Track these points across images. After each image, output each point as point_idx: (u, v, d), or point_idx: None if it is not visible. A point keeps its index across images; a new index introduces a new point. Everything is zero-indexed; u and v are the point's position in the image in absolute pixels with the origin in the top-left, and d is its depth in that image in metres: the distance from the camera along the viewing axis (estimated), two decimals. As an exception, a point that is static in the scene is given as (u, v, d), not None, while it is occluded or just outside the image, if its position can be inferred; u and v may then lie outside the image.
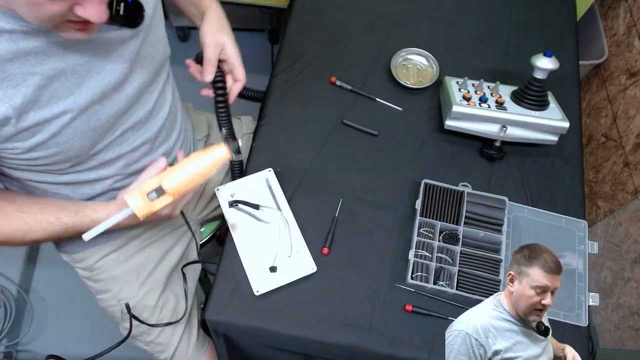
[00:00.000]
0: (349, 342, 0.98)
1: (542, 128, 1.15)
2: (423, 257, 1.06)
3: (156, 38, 0.91)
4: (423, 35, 1.37)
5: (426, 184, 1.11)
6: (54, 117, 0.78)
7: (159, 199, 0.80)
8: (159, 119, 0.98)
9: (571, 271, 1.09)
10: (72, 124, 0.80)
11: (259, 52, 2.32)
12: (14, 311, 1.78)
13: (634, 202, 1.61)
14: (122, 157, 0.94)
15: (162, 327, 1.16)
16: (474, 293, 1.02)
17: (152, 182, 0.80)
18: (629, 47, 1.72)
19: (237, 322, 0.99)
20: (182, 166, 0.80)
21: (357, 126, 1.21)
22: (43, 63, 0.74)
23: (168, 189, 0.79)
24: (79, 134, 0.82)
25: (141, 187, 0.80)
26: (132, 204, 0.79)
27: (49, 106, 0.77)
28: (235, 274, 1.02)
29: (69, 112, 0.79)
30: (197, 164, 0.80)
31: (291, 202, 1.09)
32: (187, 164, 0.80)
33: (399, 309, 1.02)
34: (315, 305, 1.01)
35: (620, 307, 1.63)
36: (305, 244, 1.04)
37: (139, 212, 0.80)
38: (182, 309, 1.19)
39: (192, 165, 0.80)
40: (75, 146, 0.84)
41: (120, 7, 0.78)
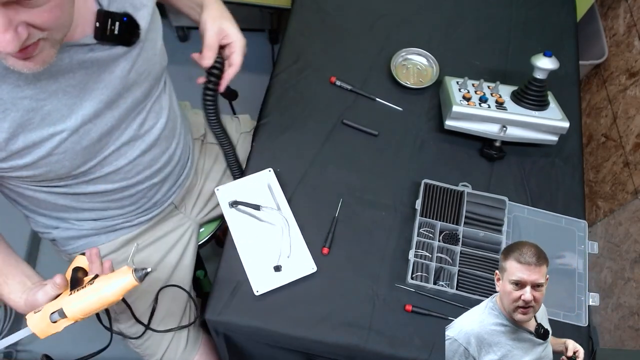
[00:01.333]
0: (349, 342, 0.98)
1: (542, 128, 1.15)
2: (423, 257, 1.06)
3: (153, 52, 0.89)
4: (423, 35, 1.37)
5: (426, 184, 1.11)
6: (44, 140, 0.76)
7: (61, 321, 0.77)
8: (156, 130, 0.96)
9: (571, 271, 1.09)
10: (63, 145, 0.79)
11: (259, 52, 2.32)
12: (14, 311, 1.78)
13: (634, 202, 1.61)
14: (120, 171, 0.93)
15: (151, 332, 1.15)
16: (474, 293, 1.02)
17: (57, 303, 0.78)
18: (629, 47, 1.72)
19: (237, 322, 0.99)
20: (86, 292, 0.78)
21: (357, 126, 1.21)
22: (34, 86, 0.72)
23: (69, 314, 0.77)
24: (70, 154, 0.81)
25: (44, 309, 0.78)
26: (31, 325, 0.78)
27: (39, 129, 0.75)
28: (235, 274, 1.02)
29: (60, 134, 0.77)
30: (102, 291, 0.77)
31: (291, 202, 1.09)
32: (91, 290, 0.78)
33: (399, 309, 1.02)
34: (315, 305, 1.01)
35: (620, 307, 1.63)
36: (305, 244, 1.04)
37: (40, 333, 0.78)
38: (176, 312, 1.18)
39: (96, 293, 0.77)
40: (65, 165, 0.82)
41: (115, 26, 0.77)
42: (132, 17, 0.80)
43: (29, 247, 1.88)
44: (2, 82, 0.69)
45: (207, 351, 1.27)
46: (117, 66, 0.82)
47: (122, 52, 0.81)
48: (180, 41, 2.41)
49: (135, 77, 0.86)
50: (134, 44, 0.81)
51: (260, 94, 1.30)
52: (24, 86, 0.71)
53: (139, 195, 1.03)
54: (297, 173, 1.14)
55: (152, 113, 0.95)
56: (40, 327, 0.78)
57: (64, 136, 0.78)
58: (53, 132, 0.76)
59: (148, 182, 1.02)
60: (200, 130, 1.29)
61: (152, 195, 1.07)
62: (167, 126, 0.99)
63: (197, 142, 1.26)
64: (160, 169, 1.03)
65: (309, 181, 1.13)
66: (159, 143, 0.98)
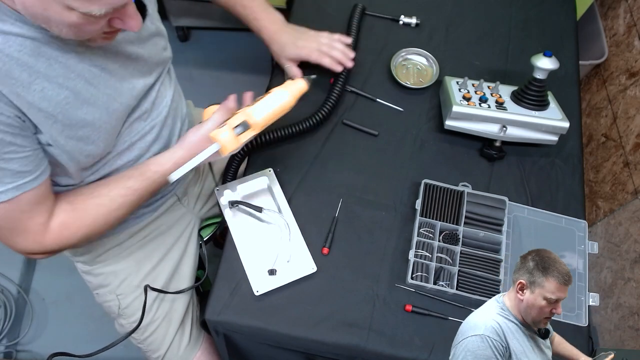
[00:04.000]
0: (349, 342, 0.98)
1: (542, 128, 1.15)
2: (423, 257, 1.06)
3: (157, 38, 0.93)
4: (423, 35, 1.37)
5: (426, 184, 1.11)
6: (93, 118, 0.80)
7: (244, 133, 0.84)
8: (164, 107, 0.98)
9: (571, 271, 1.09)
10: (105, 124, 0.83)
11: (259, 52, 2.31)
12: (14, 311, 1.78)
13: (634, 202, 1.61)
14: (133, 147, 0.94)
15: (155, 328, 1.16)
16: (474, 293, 1.02)
17: (238, 117, 0.84)
18: (629, 47, 1.72)
19: (237, 322, 0.99)
20: (265, 101, 0.85)
21: (357, 126, 1.21)
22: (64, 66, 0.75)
23: (254, 123, 0.83)
24: (104, 133, 0.84)
25: (229, 123, 0.84)
26: (223, 139, 0.83)
27: (90, 106, 0.79)
28: (235, 274, 1.02)
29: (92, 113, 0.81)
30: (280, 97, 0.85)
31: (291, 202, 1.09)
32: (269, 98, 0.85)
33: (399, 309, 1.02)
34: (315, 306, 1.01)
35: (620, 307, 1.63)
36: (305, 244, 1.04)
37: (229, 145, 0.84)
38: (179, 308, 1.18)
39: (275, 100, 0.85)
40: (100, 146, 0.85)
41: None
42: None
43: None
44: (36, 62, 0.71)
45: (208, 349, 1.27)
46: (129, 46, 0.85)
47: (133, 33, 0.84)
48: (180, 41, 2.42)
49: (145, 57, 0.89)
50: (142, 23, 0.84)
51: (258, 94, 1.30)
52: (55, 65, 0.74)
53: None
54: (297, 173, 1.14)
55: (161, 92, 0.97)
56: (226, 140, 0.83)
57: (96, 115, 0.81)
58: (87, 111, 0.79)
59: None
60: None
61: None
62: (172, 105, 1.01)
63: None
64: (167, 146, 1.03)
65: (309, 181, 1.13)
66: (166, 121, 1.00)
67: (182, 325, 1.22)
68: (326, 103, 1.19)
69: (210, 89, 2.13)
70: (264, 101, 0.85)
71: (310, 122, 1.16)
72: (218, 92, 1.28)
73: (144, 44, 0.89)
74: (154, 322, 1.16)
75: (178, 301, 1.19)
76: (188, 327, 1.23)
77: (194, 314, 1.25)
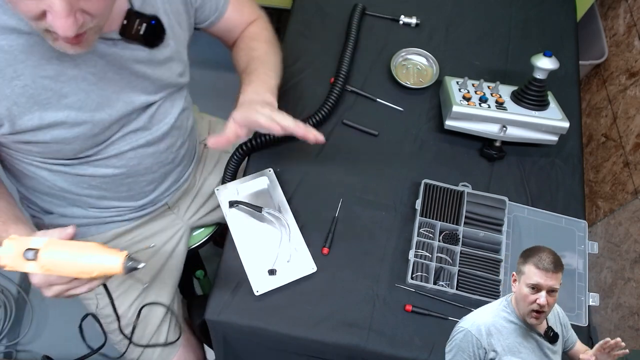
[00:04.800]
0: (349, 342, 0.98)
1: (542, 128, 1.15)
2: (423, 257, 1.06)
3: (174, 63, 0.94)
4: (423, 35, 1.37)
5: (426, 184, 1.11)
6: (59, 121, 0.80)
7: (30, 262, 0.68)
8: (164, 125, 0.99)
9: (571, 271, 1.09)
10: (76, 128, 0.82)
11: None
12: (14, 311, 1.78)
13: (634, 202, 1.61)
14: (122, 156, 0.94)
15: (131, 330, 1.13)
16: (474, 293, 1.02)
17: (37, 241, 0.69)
18: (629, 47, 1.72)
19: (238, 322, 0.99)
20: (70, 246, 0.69)
21: (357, 126, 1.21)
22: (56, 68, 0.75)
23: (40, 259, 0.68)
24: (81, 139, 0.85)
25: (25, 240, 0.69)
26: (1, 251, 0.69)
27: (55, 110, 0.79)
28: (235, 274, 1.02)
29: (74, 118, 0.81)
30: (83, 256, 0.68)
31: (291, 202, 1.09)
32: (76, 247, 0.69)
33: (399, 309, 1.02)
34: (316, 306, 1.01)
35: (620, 307, 1.63)
36: (305, 244, 1.04)
37: (2, 260, 0.69)
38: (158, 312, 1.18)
39: (77, 253, 0.68)
40: (75, 148, 0.86)
41: (142, 27, 0.80)
42: (160, 22, 0.83)
43: (28, 247, 1.88)
44: (26, 59, 0.73)
45: (186, 351, 1.25)
46: (137, 64, 0.85)
47: (145, 55, 0.85)
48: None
49: (153, 78, 0.90)
50: (157, 46, 0.85)
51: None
52: (46, 65, 0.75)
53: (137, 188, 1.04)
54: (297, 173, 1.14)
55: (163, 108, 0.98)
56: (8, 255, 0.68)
57: (78, 120, 0.82)
58: (68, 115, 0.80)
59: (149, 175, 1.03)
60: (203, 134, 1.29)
61: (150, 191, 1.08)
62: (176, 124, 1.02)
63: (199, 146, 1.26)
64: (163, 163, 1.04)
65: (309, 181, 1.13)
66: (166, 138, 1.01)
67: (159, 328, 1.18)
68: (326, 103, 1.19)
69: (210, 89, 2.12)
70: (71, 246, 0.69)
71: (310, 121, 1.16)
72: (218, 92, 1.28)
73: (157, 66, 0.89)
74: (129, 325, 1.13)
75: (158, 305, 1.17)
76: (165, 328, 1.20)
77: (176, 315, 1.23)
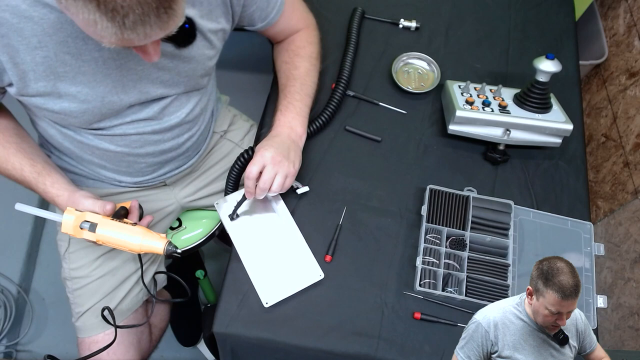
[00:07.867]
0: (359, 351, 0.97)
1: (546, 131, 1.15)
2: (430, 264, 1.05)
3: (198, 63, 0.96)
4: (423, 39, 1.37)
5: (431, 189, 1.11)
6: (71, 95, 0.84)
7: (87, 232, 0.86)
8: (175, 118, 1.01)
9: (578, 273, 1.08)
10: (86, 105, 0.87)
11: (259, 52, 2.29)
12: (14, 311, 1.76)
13: (634, 202, 1.61)
14: (126, 137, 0.98)
15: (88, 283, 1.13)
16: (483, 299, 1.01)
17: (94, 217, 0.86)
18: (629, 47, 1.72)
19: (246, 334, 0.97)
20: (122, 228, 0.86)
21: (360, 132, 1.20)
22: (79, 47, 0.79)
23: (97, 232, 0.86)
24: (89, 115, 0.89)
25: (83, 214, 0.86)
26: (64, 219, 0.86)
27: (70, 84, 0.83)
28: (241, 286, 1.01)
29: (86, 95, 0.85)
30: (132, 238, 0.86)
31: (295, 210, 1.08)
32: (126, 229, 0.86)
33: (408, 316, 1.01)
34: (324, 315, 1.00)
35: (620, 307, 1.63)
36: (310, 252, 1.03)
37: (64, 228, 0.86)
38: (120, 272, 1.15)
39: (127, 235, 0.86)
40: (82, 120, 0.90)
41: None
42: (194, 26, 0.85)
43: (28, 247, 1.87)
44: (53, 34, 0.77)
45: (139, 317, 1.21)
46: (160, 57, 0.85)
47: (170, 50, 0.88)
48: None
49: (173, 73, 0.93)
50: (186, 46, 0.87)
51: (260, 94, 1.29)
52: (71, 43, 0.79)
53: (136, 166, 1.08)
54: (301, 181, 1.12)
55: (177, 102, 1.00)
56: (70, 224, 0.86)
57: (88, 98, 0.86)
58: (80, 91, 0.84)
59: (149, 158, 1.06)
60: (222, 126, 1.30)
61: (149, 172, 1.12)
62: (187, 118, 1.04)
63: (215, 135, 1.27)
64: (164, 152, 1.07)
65: (312, 189, 1.12)
66: (173, 130, 1.03)
67: (116, 290, 1.15)
68: (327, 109, 1.18)
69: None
70: (122, 227, 0.87)
71: (311, 127, 1.15)
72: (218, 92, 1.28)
73: (180, 62, 0.92)
74: (89, 276, 1.12)
75: (124, 266, 1.16)
76: (122, 294, 1.16)
77: (139, 282, 1.19)
